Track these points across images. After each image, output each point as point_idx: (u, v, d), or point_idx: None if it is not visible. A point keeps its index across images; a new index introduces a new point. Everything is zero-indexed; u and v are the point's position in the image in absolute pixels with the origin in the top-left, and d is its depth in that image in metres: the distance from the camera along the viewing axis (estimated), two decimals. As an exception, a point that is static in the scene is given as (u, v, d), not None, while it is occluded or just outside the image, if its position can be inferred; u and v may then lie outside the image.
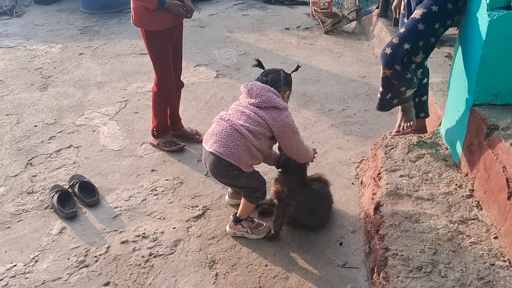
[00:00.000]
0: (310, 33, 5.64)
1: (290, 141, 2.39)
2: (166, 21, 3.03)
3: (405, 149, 2.89)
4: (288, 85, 2.50)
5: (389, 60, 2.75)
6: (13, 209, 2.86)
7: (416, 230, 2.31)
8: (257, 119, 2.33)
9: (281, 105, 2.35)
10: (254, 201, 2.53)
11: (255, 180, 2.46)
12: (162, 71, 3.18)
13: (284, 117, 2.34)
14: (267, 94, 2.35)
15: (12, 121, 3.82)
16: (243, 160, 2.34)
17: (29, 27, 6.09)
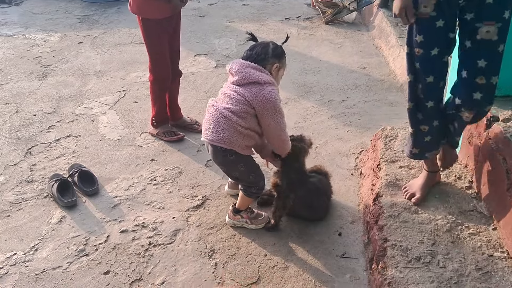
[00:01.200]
0: (310, 23, 5.61)
1: (269, 120, 2.27)
2: (163, 10, 3.02)
3: (405, 140, 2.89)
4: (277, 57, 2.35)
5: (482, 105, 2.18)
6: (12, 198, 2.86)
7: (415, 221, 2.32)
8: (237, 97, 2.26)
9: (262, 80, 2.24)
10: (250, 195, 2.52)
11: (253, 173, 2.44)
12: (157, 60, 3.18)
13: (266, 92, 2.23)
14: (245, 70, 2.26)
15: (11, 110, 3.81)
16: (235, 142, 2.30)
17: (28, 15, 6.05)
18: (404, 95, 3.89)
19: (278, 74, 2.37)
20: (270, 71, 2.32)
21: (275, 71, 2.34)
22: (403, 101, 3.80)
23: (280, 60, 2.36)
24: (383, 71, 4.33)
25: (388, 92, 3.96)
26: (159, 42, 3.12)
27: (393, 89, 4.00)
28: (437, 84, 2.23)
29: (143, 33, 3.13)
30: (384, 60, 4.54)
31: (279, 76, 2.39)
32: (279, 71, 2.37)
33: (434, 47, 2.14)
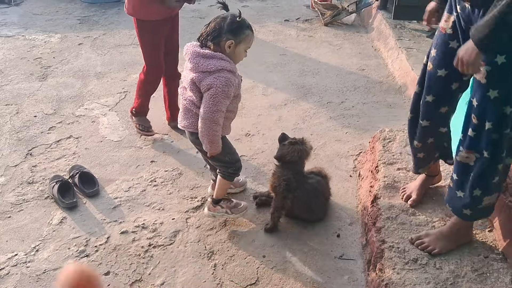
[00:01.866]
0: (310, 25, 5.64)
1: (204, 103, 2.25)
2: (159, 12, 3.05)
3: (403, 142, 2.92)
4: (233, 33, 2.24)
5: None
6: (13, 199, 2.88)
7: (412, 223, 2.35)
8: (192, 87, 2.29)
9: (212, 68, 2.22)
10: (228, 177, 2.54)
11: (228, 154, 2.48)
12: (151, 62, 3.22)
13: (212, 78, 2.22)
14: (195, 60, 2.24)
15: (12, 111, 3.83)
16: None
17: (28, 16, 6.06)
18: (403, 97, 3.92)
19: (235, 51, 2.29)
20: (224, 48, 2.27)
21: (230, 47, 2.27)
22: (401, 103, 3.83)
23: (236, 36, 2.25)
24: (381, 73, 4.36)
25: (386, 94, 3.99)
26: (154, 43, 3.16)
27: (392, 91, 4.03)
28: (436, 107, 2.19)
29: (138, 35, 3.17)
30: (383, 62, 4.57)
31: (236, 53, 2.30)
32: (236, 48, 2.28)
33: (443, 67, 2.09)
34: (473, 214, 2.12)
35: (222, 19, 2.27)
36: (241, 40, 2.28)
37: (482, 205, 2.07)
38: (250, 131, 3.53)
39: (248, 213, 2.72)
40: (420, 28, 4.79)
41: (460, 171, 2.09)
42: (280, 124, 3.60)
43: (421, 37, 4.59)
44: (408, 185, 2.55)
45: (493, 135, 1.92)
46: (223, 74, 2.22)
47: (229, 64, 2.26)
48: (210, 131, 2.29)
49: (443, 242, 2.19)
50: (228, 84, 2.23)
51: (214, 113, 2.24)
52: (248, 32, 2.30)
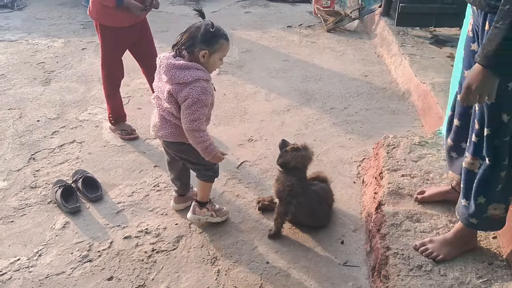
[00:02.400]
0: (312, 31, 5.65)
1: (183, 115, 2.26)
2: (122, 19, 3.08)
3: (407, 149, 2.92)
4: (206, 43, 2.23)
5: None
6: (16, 204, 2.88)
7: (417, 229, 2.34)
8: (169, 98, 2.29)
9: (188, 79, 2.21)
10: (208, 179, 2.59)
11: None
12: (108, 59, 3.29)
13: (189, 89, 2.22)
14: (171, 72, 2.23)
15: (15, 116, 3.84)
16: (182, 135, 2.36)
17: (31, 20, 6.09)
18: (406, 103, 3.92)
19: (209, 60, 2.28)
20: (198, 58, 2.26)
21: (204, 57, 2.26)
22: (405, 109, 3.84)
23: (210, 46, 2.24)
24: (385, 79, 4.37)
25: (390, 100, 3.99)
26: (115, 50, 3.23)
27: (395, 98, 4.03)
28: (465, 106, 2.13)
29: (100, 39, 3.21)
30: (386, 68, 4.57)
31: (211, 63, 2.30)
32: (210, 57, 2.27)
33: (467, 68, 2.03)
34: (479, 223, 2.10)
35: (196, 28, 2.26)
36: (215, 50, 2.27)
37: (488, 214, 2.05)
38: (253, 137, 3.53)
39: (251, 218, 2.72)
40: (423, 35, 4.80)
41: (466, 178, 2.08)
42: (283, 130, 3.60)
43: (424, 43, 4.60)
44: (429, 186, 2.55)
45: (494, 141, 1.91)
46: (199, 83, 2.23)
47: (204, 73, 2.27)
48: (197, 139, 2.31)
49: (447, 249, 2.18)
50: (204, 92, 2.24)
51: (193, 122, 2.26)
52: (222, 42, 2.28)
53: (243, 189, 2.98)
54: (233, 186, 3.01)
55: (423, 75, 3.90)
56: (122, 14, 3.04)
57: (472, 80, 1.71)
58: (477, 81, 1.69)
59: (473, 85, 1.71)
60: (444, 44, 4.59)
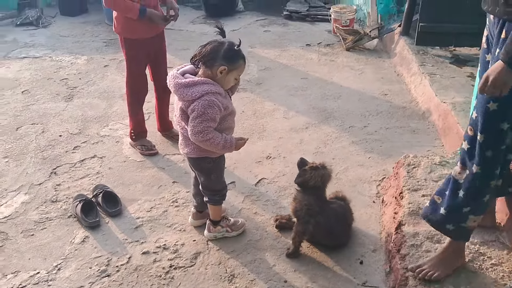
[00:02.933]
0: (331, 49, 5.68)
1: (189, 126, 2.29)
2: (146, 30, 3.21)
3: (428, 168, 2.89)
4: (227, 61, 2.26)
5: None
6: (37, 217, 2.92)
7: (437, 250, 2.30)
8: (183, 115, 2.34)
9: (197, 95, 2.24)
10: (216, 203, 2.65)
11: (219, 183, 2.60)
12: (134, 74, 3.39)
13: (196, 103, 2.24)
14: (179, 92, 2.27)
15: (38, 130, 3.91)
16: (204, 150, 2.40)
17: (55, 38, 6.24)
18: (427, 122, 3.89)
19: (226, 77, 2.31)
20: (215, 73, 2.28)
21: (222, 73, 2.28)
22: (425, 128, 3.80)
23: (230, 64, 2.28)
24: (404, 98, 4.35)
25: (410, 120, 3.96)
26: (140, 60, 3.34)
27: (415, 117, 4.00)
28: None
29: (124, 52, 3.33)
30: (406, 87, 4.56)
31: (227, 79, 2.32)
32: (227, 74, 2.30)
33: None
34: (455, 230, 2.12)
35: (220, 44, 2.29)
36: (234, 68, 2.31)
37: (466, 224, 2.08)
38: (271, 154, 3.53)
39: (269, 236, 2.71)
40: (443, 54, 4.78)
41: (452, 187, 2.08)
42: (302, 148, 3.60)
43: (444, 63, 4.58)
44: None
45: (487, 151, 1.92)
46: (206, 97, 2.24)
47: (213, 86, 2.27)
48: (210, 145, 2.32)
49: (441, 267, 2.17)
50: (210, 106, 2.24)
51: (198, 134, 2.27)
52: (241, 62, 2.33)
53: (261, 207, 2.97)
54: (251, 203, 3.01)
55: (443, 94, 3.88)
56: (145, 25, 3.17)
57: (491, 71, 1.77)
58: (495, 73, 1.75)
59: (491, 76, 1.77)
60: (465, 64, 4.56)
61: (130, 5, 3.06)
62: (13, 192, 3.15)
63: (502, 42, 1.82)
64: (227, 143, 2.36)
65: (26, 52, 5.70)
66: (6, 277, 2.49)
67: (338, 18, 5.93)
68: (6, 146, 3.69)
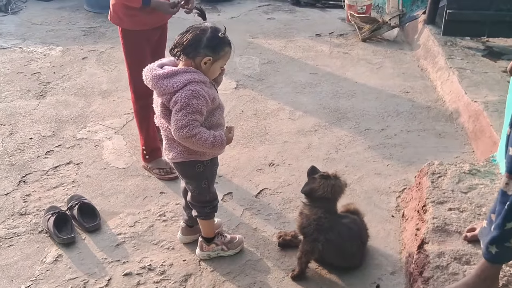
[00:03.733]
0: (345, 40, 5.70)
1: (171, 121, 2.28)
2: (148, 21, 3.13)
3: (455, 178, 2.90)
4: (211, 49, 2.28)
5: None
6: (2, 232, 2.93)
7: (466, 273, 2.30)
8: (164, 112, 2.34)
9: (178, 86, 2.24)
10: (207, 216, 2.64)
11: (210, 192, 2.58)
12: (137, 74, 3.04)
13: (179, 93, 2.24)
14: (158, 84, 2.27)
15: (5, 132, 3.93)
16: (192, 152, 2.41)
17: (26, 26, 6.27)
18: (455, 124, 3.90)
19: (210, 67, 2.33)
20: (199, 64, 2.30)
21: (206, 64, 2.30)
22: (453, 132, 3.81)
23: (215, 53, 2.29)
24: (429, 96, 4.36)
25: (435, 121, 3.97)
26: (141, 55, 3.18)
27: (441, 118, 4.01)
28: None
29: (123, 45, 3.23)
30: (431, 84, 4.57)
31: (212, 70, 2.35)
32: (212, 65, 2.32)
33: None
34: (498, 253, 2.08)
35: (202, 31, 2.29)
36: (220, 57, 2.33)
37: (511, 243, 2.04)
38: (274, 161, 3.54)
39: (271, 256, 2.71)
40: (475, 46, 4.80)
41: (500, 201, 2.07)
42: (310, 153, 3.61)
43: (476, 56, 4.59)
44: (481, 222, 2.51)
45: None
46: (190, 86, 2.24)
47: (196, 75, 2.28)
48: (197, 143, 2.30)
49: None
50: (195, 96, 2.24)
51: (182, 129, 2.25)
52: (227, 49, 2.34)
53: (262, 222, 2.98)
54: (251, 217, 3.02)
55: (474, 92, 3.89)
56: (148, 15, 3.09)
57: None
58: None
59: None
60: (499, 57, 4.57)
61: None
62: (-25, 204, 3.17)
63: None
64: (216, 140, 2.33)
65: (-8, 42, 5.74)
66: (-33, 302, 2.50)
67: (353, 4, 5.96)
68: (-32, 150, 3.72)
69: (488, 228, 2.16)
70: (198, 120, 2.28)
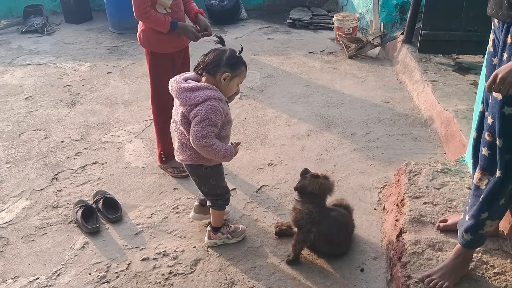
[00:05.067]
0: (334, 57, 5.68)
1: (191, 131, 2.29)
2: (173, 44, 3.08)
3: (429, 176, 2.88)
4: (230, 67, 2.32)
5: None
6: (37, 223, 2.92)
7: (439, 258, 2.29)
8: (183, 120, 2.35)
9: (200, 100, 2.26)
10: (219, 208, 2.64)
11: (221, 188, 2.59)
12: (160, 93, 3.13)
13: (199, 107, 2.26)
14: (182, 95, 2.29)
15: (40, 136, 3.92)
16: (201, 158, 2.42)
17: (59, 45, 6.27)
18: (429, 130, 3.88)
19: (229, 83, 2.36)
20: (219, 80, 2.33)
21: (225, 80, 2.33)
22: (427, 136, 3.79)
23: (233, 70, 2.33)
24: (407, 105, 4.34)
25: (412, 127, 3.95)
26: (165, 75, 3.05)
27: (418, 124, 3.99)
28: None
29: (149, 65, 3.17)
30: (408, 95, 4.55)
31: (230, 86, 2.38)
32: (230, 81, 2.35)
33: None
34: (472, 240, 2.12)
35: (222, 51, 2.35)
36: (237, 75, 2.36)
37: (483, 230, 2.08)
38: (273, 161, 3.52)
39: (270, 243, 2.70)
40: (446, 62, 4.78)
41: (473, 194, 2.08)
42: (303, 155, 3.59)
43: (447, 70, 4.57)
44: (452, 214, 2.50)
45: (506, 155, 1.92)
46: (210, 102, 2.27)
47: (216, 92, 2.31)
48: (211, 153, 2.33)
49: (451, 276, 2.16)
50: (213, 111, 2.27)
51: (201, 139, 2.27)
52: (243, 68, 2.38)
53: (262, 214, 2.96)
54: (252, 210, 3.00)
55: (446, 102, 3.87)
56: (173, 38, 3.04)
57: (501, 70, 1.77)
58: (505, 72, 1.75)
59: (500, 74, 1.76)
60: (468, 72, 4.55)
61: (162, 19, 2.93)
62: (14, 198, 3.16)
63: (509, 47, 1.83)
64: (227, 152, 2.39)
65: (30, 59, 5.73)
66: (6, 282, 2.48)
67: (341, 26, 5.94)
68: (9, 152, 3.70)
69: (464, 218, 2.16)
70: (214, 132, 2.32)
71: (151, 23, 2.99)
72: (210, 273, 2.51)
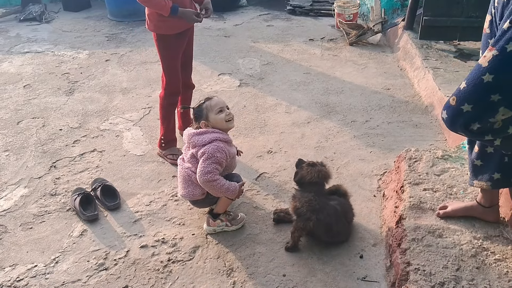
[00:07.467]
0: (335, 44, 5.63)
1: (198, 167, 2.52)
2: (177, 26, 3.14)
3: (430, 162, 2.85)
4: (198, 119, 2.67)
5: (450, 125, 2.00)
6: (36, 210, 2.91)
7: (439, 245, 2.27)
8: (192, 159, 2.61)
9: (206, 141, 2.54)
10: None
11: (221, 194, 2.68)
12: (170, 73, 3.26)
13: (206, 147, 2.53)
14: (192, 139, 2.59)
15: (38, 124, 3.90)
16: (199, 195, 2.62)
17: (57, 33, 6.23)
18: (429, 117, 3.85)
19: (210, 123, 2.63)
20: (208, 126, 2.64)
21: (208, 125, 2.64)
22: (428, 123, 3.76)
23: (203, 118, 2.64)
24: (407, 92, 4.30)
25: (412, 114, 3.92)
26: (173, 56, 3.23)
27: (418, 111, 3.96)
28: None
29: (158, 49, 3.23)
30: (409, 82, 4.51)
31: (214, 122, 2.63)
32: (209, 122, 2.63)
33: None
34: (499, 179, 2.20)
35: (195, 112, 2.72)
36: (208, 116, 2.64)
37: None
38: (273, 148, 3.50)
39: (269, 230, 2.69)
40: (447, 49, 4.73)
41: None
42: (303, 142, 3.57)
43: (448, 57, 4.53)
44: (452, 201, 2.49)
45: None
46: (216, 143, 2.55)
47: (221, 135, 2.61)
48: (214, 188, 2.52)
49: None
50: (219, 150, 2.53)
51: (207, 174, 2.49)
52: (204, 105, 2.65)
53: (261, 201, 2.95)
54: (251, 197, 2.98)
55: (447, 88, 3.83)
56: (177, 21, 3.11)
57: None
58: None
59: None
60: (469, 58, 4.51)
61: (163, 3, 2.99)
62: (12, 186, 3.15)
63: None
64: (231, 187, 2.55)
65: (28, 47, 5.70)
66: (4, 270, 2.48)
67: (341, 12, 5.88)
68: (7, 140, 3.69)
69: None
70: (219, 170, 2.55)
71: (152, 7, 3.05)
72: (209, 260, 2.50)
